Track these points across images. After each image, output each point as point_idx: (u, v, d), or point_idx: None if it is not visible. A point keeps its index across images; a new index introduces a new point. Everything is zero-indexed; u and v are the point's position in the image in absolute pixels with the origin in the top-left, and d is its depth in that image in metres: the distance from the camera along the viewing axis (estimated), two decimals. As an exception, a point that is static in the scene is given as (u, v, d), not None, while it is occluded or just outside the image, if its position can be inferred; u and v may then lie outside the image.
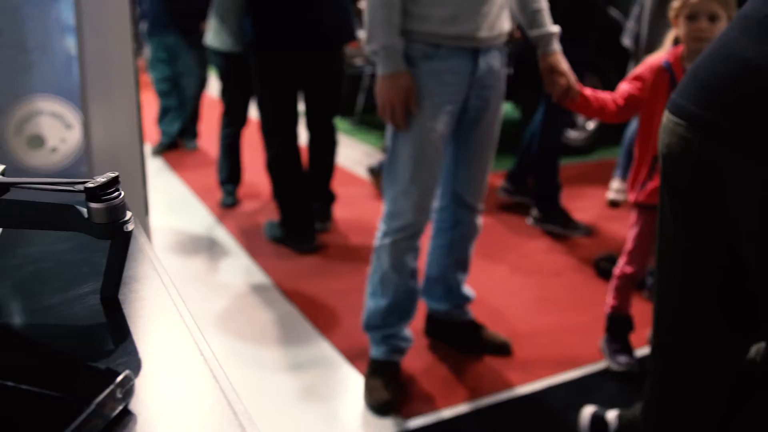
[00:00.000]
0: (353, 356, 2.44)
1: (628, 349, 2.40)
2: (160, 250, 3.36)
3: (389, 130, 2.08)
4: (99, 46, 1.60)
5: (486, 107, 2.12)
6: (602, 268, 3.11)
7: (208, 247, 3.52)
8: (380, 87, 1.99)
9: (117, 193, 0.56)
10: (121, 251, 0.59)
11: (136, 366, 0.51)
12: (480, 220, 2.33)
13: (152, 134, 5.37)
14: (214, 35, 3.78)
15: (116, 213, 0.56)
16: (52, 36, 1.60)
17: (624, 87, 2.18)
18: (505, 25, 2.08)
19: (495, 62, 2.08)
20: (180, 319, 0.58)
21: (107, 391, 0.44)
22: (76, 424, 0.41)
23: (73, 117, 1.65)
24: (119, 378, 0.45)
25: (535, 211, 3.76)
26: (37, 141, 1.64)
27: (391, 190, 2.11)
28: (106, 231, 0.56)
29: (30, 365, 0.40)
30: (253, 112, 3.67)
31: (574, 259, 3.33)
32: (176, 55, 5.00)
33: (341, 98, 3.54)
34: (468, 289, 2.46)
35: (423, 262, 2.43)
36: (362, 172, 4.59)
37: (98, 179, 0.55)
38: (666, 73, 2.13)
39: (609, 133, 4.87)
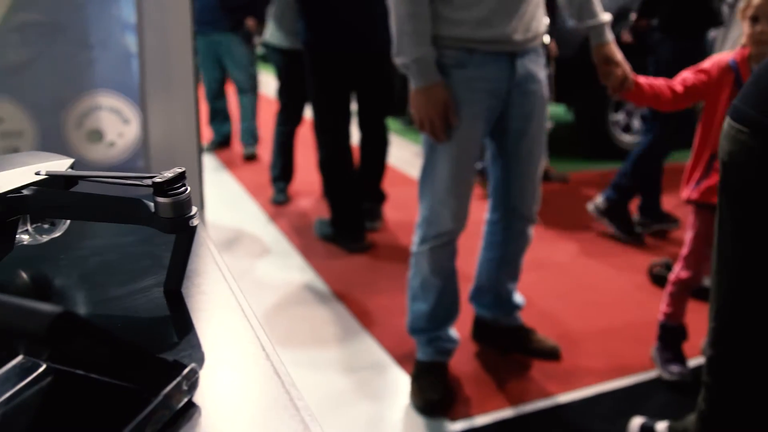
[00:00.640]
0: (401, 356, 2.44)
1: (680, 359, 2.35)
2: (211, 245, 3.40)
3: (424, 138, 2.05)
4: (159, 43, 1.62)
5: (531, 116, 2.07)
6: (656, 275, 3.05)
7: (258, 244, 3.56)
8: (415, 101, 1.93)
9: (183, 188, 0.57)
10: (185, 245, 0.60)
11: (199, 359, 0.52)
12: (532, 230, 2.31)
13: (203, 132, 5.44)
14: (273, 32, 3.81)
15: (182, 208, 0.57)
16: (113, 33, 1.63)
17: (686, 75, 2.13)
18: (541, 25, 2.02)
19: (533, 66, 2.03)
20: (242, 314, 0.58)
21: (174, 382, 0.45)
22: (144, 414, 0.42)
23: (130, 112, 1.69)
24: (185, 370, 0.46)
25: (600, 201, 3.63)
26: (96, 135, 1.68)
27: (428, 198, 2.08)
28: (171, 225, 0.57)
29: (99, 355, 0.41)
30: (308, 112, 3.69)
31: (628, 264, 3.28)
32: (224, 53, 4.97)
33: (393, 99, 3.55)
34: (518, 296, 2.44)
35: (470, 267, 2.42)
36: (413, 172, 4.58)
37: (166, 174, 0.56)
38: (731, 72, 2.08)
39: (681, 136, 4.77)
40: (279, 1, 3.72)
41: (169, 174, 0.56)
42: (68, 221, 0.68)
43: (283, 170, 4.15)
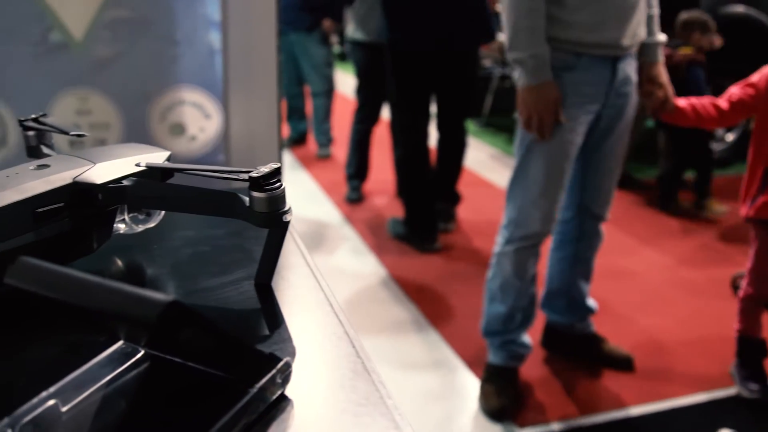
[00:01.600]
0: (470, 359, 2.43)
1: (760, 376, 2.27)
2: (286, 240, 3.45)
3: (520, 138, 2.03)
4: (243, 40, 1.65)
5: (620, 116, 2.05)
6: (738, 287, 2.95)
7: (332, 241, 3.59)
8: (526, 98, 1.91)
9: (278, 183, 0.58)
10: (277, 240, 0.60)
11: (291, 352, 0.52)
12: (603, 229, 2.27)
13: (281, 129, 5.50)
14: (355, 27, 3.84)
15: (277, 203, 0.58)
16: (198, 30, 1.67)
17: (734, 91, 2.08)
18: (643, 32, 2.00)
19: (630, 69, 2.02)
20: (331, 310, 0.59)
21: (269, 375, 0.45)
22: (240, 406, 0.42)
23: (212, 107, 1.72)
24: (280, 364, 0.46)
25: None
26: (179, 129, 1.72)
27: (518, 198, 2.07)
28: (265, 220, 0.58)
29: (201, 344, 0.41)
30: (386, 112, 3.71)
31: (709, 275, 3.19)
32: (300, 53, 4.97)
33: (473, 100, 3.53)
34: (591, 301, 2.40)
35: (542, 273, 2.39)
36: (488, 174, 4.56)
37: (262, 169, 0.57)
38: None
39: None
40: (363, 1, 3.75)
41: (265, 169, 0.57)
42: (163, 212, 0.70)
43: (359, 168, 4.17)
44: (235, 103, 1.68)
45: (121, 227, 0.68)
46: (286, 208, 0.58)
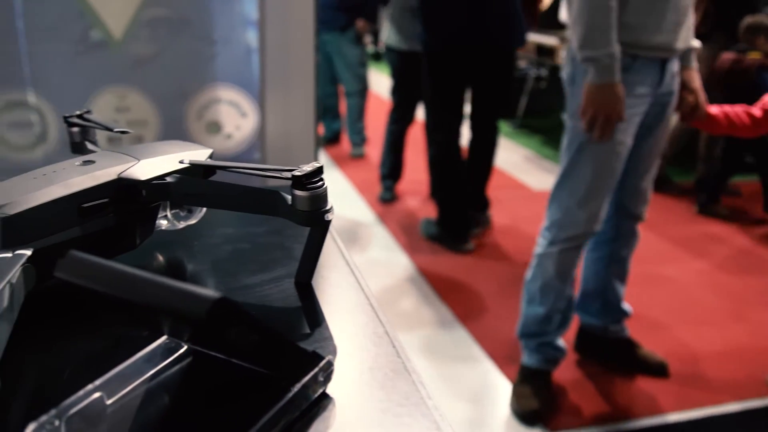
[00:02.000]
0: (502, 361, 2.42)
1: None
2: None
3: (570, 138, 2.01)
4: (280, 40, 1.66)
5: (662, 116, 2.04)
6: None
7: (364, 240, 3.60)
8: (595, 97, 1.88)
9: (321, 182, 0.58)
10: (319, 239, 0.60)
11: (332, 351, 0.52)
12: (639, 229, 2.25)
13: (315, 127, 5.51)
14: (390, 34, 3.84)
15: (319, 202, 0.58)
16: (235, 29, 1.68)
17: (767, 99, 2.04)
18: (691, 35, 1.99)
19: (676, 71, 2.01)
20: (371, 309, 0.59)
21: (311, 373, 0.45)
22: (283, 403, 0.43)
23: (248, 106, 1.73)
24: (322, 362, 0.46)
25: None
26: (215, 127, 1.74)
27: (563, 199, 2.05)
28: (307, 218, 0.58)
29: (246, 341, 0.42)
30: (420, 112, 3.71)
31: (747, 283, 3.13)
32: (333, 53, 4.97)
33: (508, 101, 3.51)
34: (626, 304, 2.37)
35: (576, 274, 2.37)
36: (521, 176, 4.53)
37: (305, 168, 0.57)
38: None
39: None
40: (394, 2, 3.75)
41: (308, 168, 0.57)
42: (204, 209, 0.71)
43: (392, 169, 4.18)
44: (271, 102, 1.69)
45: (162, 223, 0.69)
46: (327, 207, 0.59)
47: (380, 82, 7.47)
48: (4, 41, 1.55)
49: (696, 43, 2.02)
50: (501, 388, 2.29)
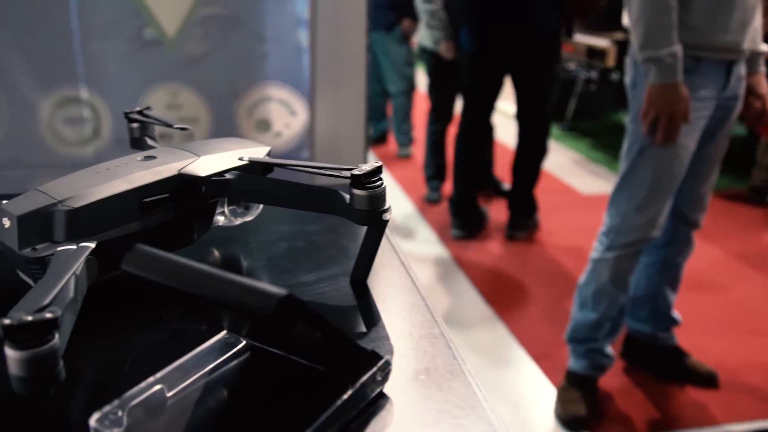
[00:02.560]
0: (546, 366, 2.40)
1: None
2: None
3: (631, 142, 1.97)
4: (332, 39, 1.67)
5: (725, 120, 1.99)
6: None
7: (410, 241, 3.60)
8: (657, 98, 1.84)
9: (380, 182, 0.58)
10: (376, 238, 0.60)
11: (388, 350, 0.52)
12: (695, 237, 2.20)
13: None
14: (423, 33, 3.84)
15: (377, 201, 0.58)
16: (286, 28, 1.69)
17: None
18: (759, 37, 1.94)
19: (742, 75, 1.95)
20: (426, 309, 0.59)
21: (370, 372, 0.45)
22: (342, 401, 0.43)
23: (298, 104, 1.74)
24: (381, 362, 0.46)
25: None
26: (264, 125, 1.75)
27: (621, 204, 2.02)
28: (365, 217, 0.58)
29: (308, 339, 0.42)
30: (459, 110, 3.71)
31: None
32: (379, 52, 4.93)
33: (551, 99, 3.49)
34: (676, 312, 2.33)
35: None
36: (570, 179, 4.49)
37: (364, 167, 0.57)
38: None
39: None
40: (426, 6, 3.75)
41: (367, 167, 0.57)
42: (261, 206, 0.71)
43: (437, 169, 4.17)
44: (321, 101, 1.70)
45: (220, 219, 0.70)
46: (385, 207, 0.59)
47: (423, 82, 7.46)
48: (59, 39, 1.58)
49: (764, 47, 1.96)
50: (545, 392, 2.27)
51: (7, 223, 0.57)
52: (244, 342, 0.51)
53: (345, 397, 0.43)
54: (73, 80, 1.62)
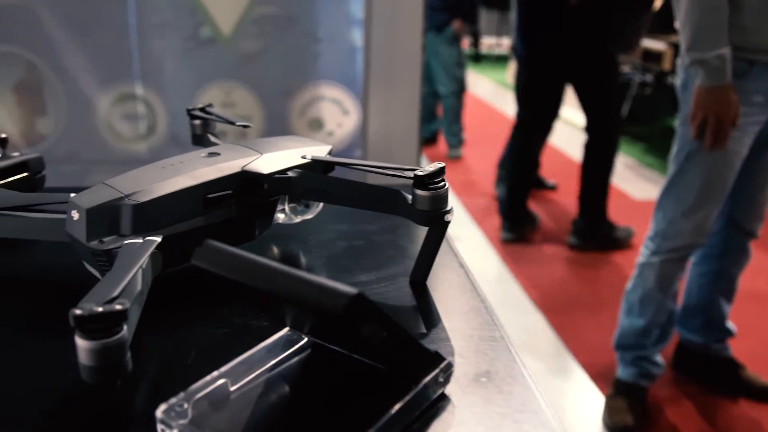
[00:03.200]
0: (594, 373, 2.36)
1: None
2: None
3: (679, 145, 1.93)
4: (386, 39, 1.67)
5: None
6: None
7: (458, 242, 3.58)
8: (705, 100, 1.80)
9: (443, 183, 0.58)
10: (437, 239, 0.60)
11: (449, 352, 0.52)
12: (751, 247, 2.15)
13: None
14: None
15: (440, 202, 0.58)
16: (341, 28, 1.70)
17: None
18: None
19: None
20: (486, 312, 0.58)
21: (433, 374, 0.45)
22: (406, 401, 0.43)
23: (351, 104, 1.75)
24: (443, 363, 0.46)
25: None
26: (317, 124, 1.76)
27: (669, 209, 1.98)
28: (427, 218, 0.58)
29: (370, 337, 0.42)
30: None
31: None
32: (429, 53, 4.84)
33: (616, 109, 3.43)
34: (731, 323, 2.28)
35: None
36: (622, 184, 4.42)
37: (427, 168, 0.57)
38: None
39: None
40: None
41: (430, 168, 0.57)
42: (321, 205, 0.72)
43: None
44: (374, 101, 1.70)
45: (280, 217, 0.70)
46: (448, 208, 0.59)
47: (479, 84, 7.42)
48: (117, 37, 1.61)
49: None
50: (592, 400, 2.24)
51: (76, 215, 0.58)
52: (305, 339, 0.51)
53: (408, 397, 0.43)
54: (130, 77, 1.65)
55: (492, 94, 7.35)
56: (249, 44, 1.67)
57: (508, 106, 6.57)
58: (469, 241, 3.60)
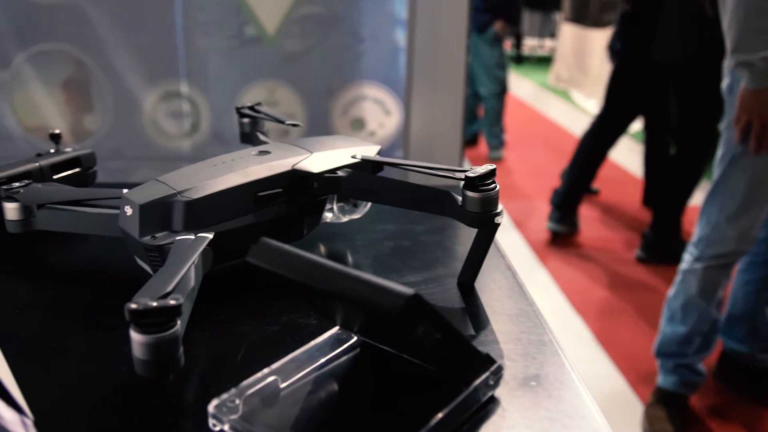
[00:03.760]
0: (635, 379, 2.33)
1: None
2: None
3: (724, 149, 1.90)
4: (430, 39, 1.66)
5: None
6: None
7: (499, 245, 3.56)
8: (751, 103, 1.77)
9: (493, 185, 0.57)
10: (486, 241, 0.60)
11: (498, 355, 0.52)
12: None
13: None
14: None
15: (490, 204, 0.57)
16: (384, 28, 1.70)
17: None
18: None
19: None
20: (535, 315, 0.58)
21: (484, 376, 0.45)
22: (457, 402, 0.43)
23: (393, 104, 1.75)
24: (494, 366, 0.46)
25: None
26: (359, 124, 1.76)
27: (712, 215, 1.95)
28: (477, 220, 0.58)
29: (424, 338, 0.42)
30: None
31: None
32: (471, 54, 4.78)
33: (712, 121, 3.31)
34: (776, 333, 2.23)
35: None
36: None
37: (478, 170, 0.57)
38: None
39: None
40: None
41: (481, 170, 0.57)
42: (369, 204, 0.72)
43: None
44: (417, 102, 1.70)
45: (327, 216, 0.70)
46: (498, 210, 0.58)
47: (521, 85, 7.37)
48: (164, 35, 1.63)
49: None
50: (632, 408, 2.21)
51: (129, 211, 0.59)
52: (355, 338, 0.51)
53: (459, 399, 0.43)
54: (175, 76, 1.67)
55: (534, 95, 7.30)
56: (292, 44, 1.68)
57: (549, 108, 6.52)
58: (509, 244, 3.58)
